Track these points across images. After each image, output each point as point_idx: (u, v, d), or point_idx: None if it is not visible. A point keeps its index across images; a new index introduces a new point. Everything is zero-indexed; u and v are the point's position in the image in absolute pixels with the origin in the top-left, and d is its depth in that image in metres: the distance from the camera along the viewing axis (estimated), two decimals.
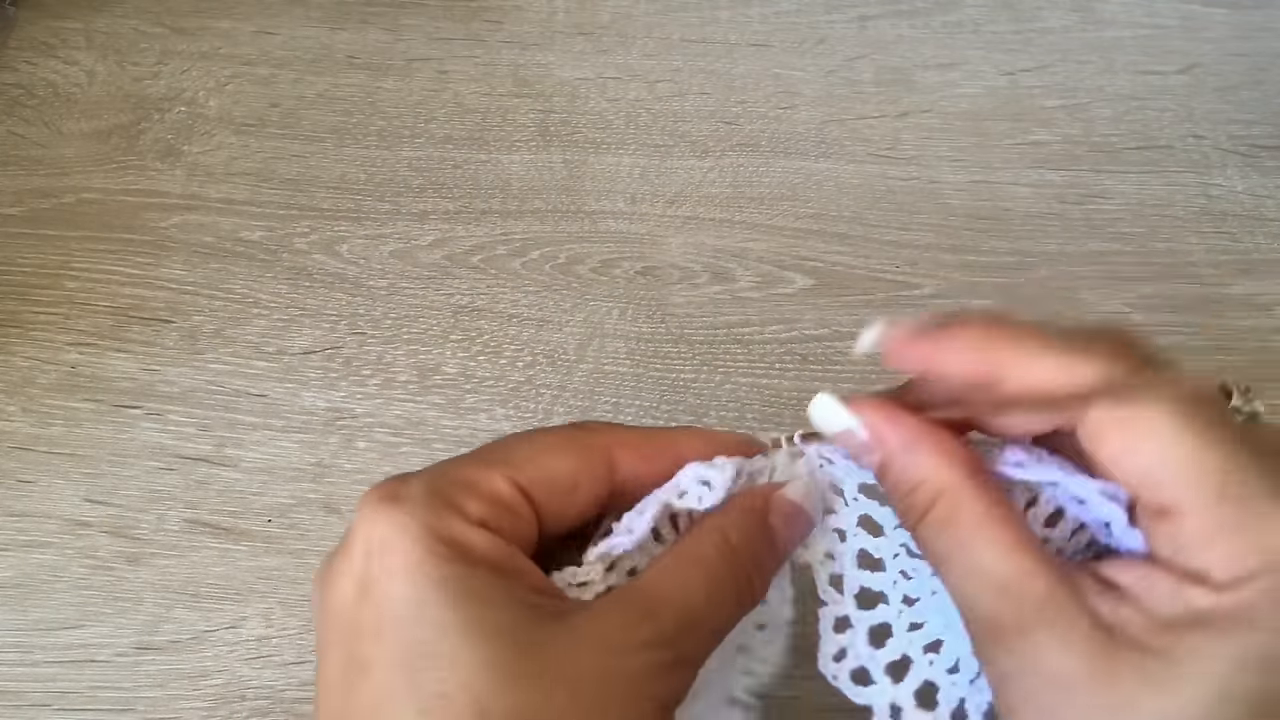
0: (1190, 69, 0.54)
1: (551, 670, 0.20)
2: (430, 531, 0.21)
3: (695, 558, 0.23)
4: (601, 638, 0.21)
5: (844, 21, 0.56)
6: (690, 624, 0.22)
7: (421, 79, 0.53)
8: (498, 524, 0.22)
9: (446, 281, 0.46)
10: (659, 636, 0.22)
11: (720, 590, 0.23)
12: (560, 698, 0.20)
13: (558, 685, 0.20)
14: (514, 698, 0.20)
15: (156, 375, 0.44)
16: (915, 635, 0.25)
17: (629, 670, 0.21)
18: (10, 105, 0.52)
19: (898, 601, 0.25)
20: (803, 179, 0.50)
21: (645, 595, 0.22)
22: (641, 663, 0.21)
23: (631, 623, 0.22)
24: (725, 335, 0.45)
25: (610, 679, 0.21)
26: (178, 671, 0.37)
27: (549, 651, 0.20)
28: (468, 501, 0.22)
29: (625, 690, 0.21)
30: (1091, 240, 0.48)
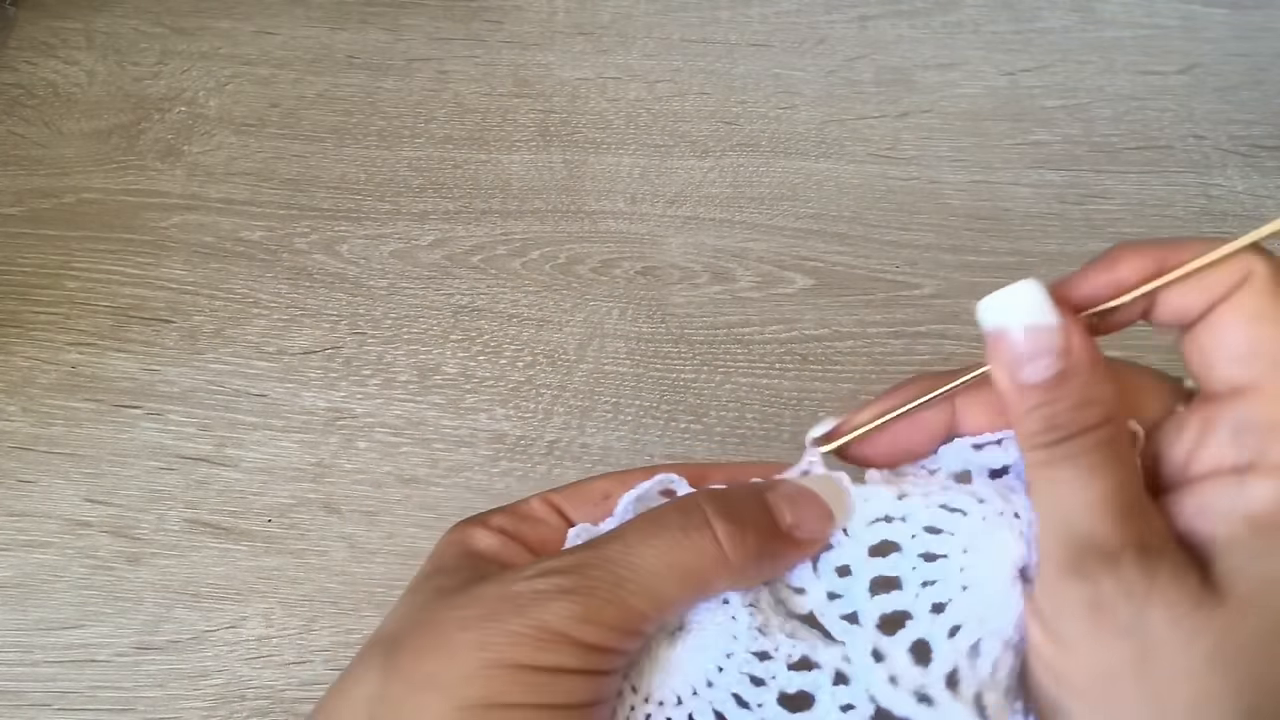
0: (1190, 69, 0.54)
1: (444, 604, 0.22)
2: (449, 539, 0.25)
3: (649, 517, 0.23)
4: (502, 575, 0.22)
5: (844, 21, 0.56)
6: (602, 559, 0.22)
7: (421, 79, 0.53)
8: (516, 530, 0.25)
9: (446, 281, 0.46)
10: (556, 566, 0.22)
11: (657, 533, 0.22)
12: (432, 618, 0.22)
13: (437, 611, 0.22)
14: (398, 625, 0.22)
15: (156, 375, 0.44)
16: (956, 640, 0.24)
17: (510, 592, 0.21)
18: (10, 105, 0.52)
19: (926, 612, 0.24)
20: (803, 179, 0.50)
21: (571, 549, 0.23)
22: (526, 586, 0.21)
23: (537, 563, 0.22)
24: (725, 335, 0.45)
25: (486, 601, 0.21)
26: (178, 671, 0.37)
27: (456, 595, 0.22)
28: (494, 516, 0.25)
29: (501, 608, 0.21)
30: (1091, 240, 0.48)
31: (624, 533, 0.23)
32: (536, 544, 0.25)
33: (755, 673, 0.24)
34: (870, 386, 0.42)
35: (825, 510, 0.24)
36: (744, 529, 0.23)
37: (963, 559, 0.24)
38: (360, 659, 0.22)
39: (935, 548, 0.25)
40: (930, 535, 0.25)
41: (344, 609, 0.39)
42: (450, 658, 0.21)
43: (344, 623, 0.38)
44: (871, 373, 0.43)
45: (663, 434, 0.42)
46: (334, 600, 0.39)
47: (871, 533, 0.25)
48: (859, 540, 0.25)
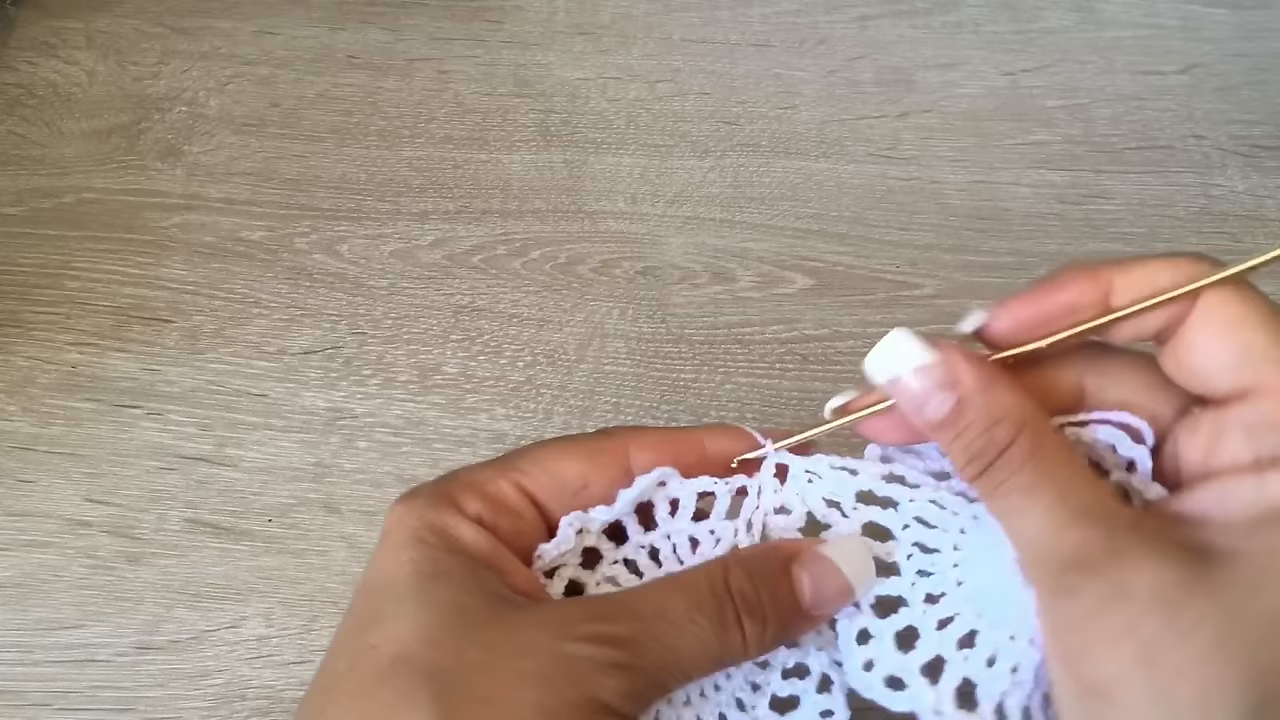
0: (1190, 69, 0.54)
1: (483, 640, 0.21)
2: (424, 521, 0.23)
3: (685, 580, 0.23)
4: (544, 620, 0.22)
5: (844, 21, 0.56)
6: (648, 634, 0.22)
7: (422, 79, 0.53)
8: (494, 522, 0.24)
9: (447, 281, 0.46)
10: (606, 634, 0.22)
11: (696, 617, 0.23)
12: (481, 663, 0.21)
13: (483, 651, 0.21)
14: (436, 654, 0.21)
15: (157, 375, 0.44)
16: (946, 633, 0.24)
17: (558, 652, 0.21)
18: (10, 105, 0.52)
19: (919, 602, 0.25)
20: (803, 179, 0.50)
21: (612, 600, 0.23)
22: (578, 651, 0.21)
23: (581, 614, 0.22)
24: (725, 335, 0.45)
25: (536, 655, 0.21)
26: (178, 671, 0.37)
27: (489, 626, 0.21)
28: (468, 500, 0.24)
29: (552, 670, 0.21)
30: (1091, 240, 0.48)
31: (669, 610, 0.23)
32: (513, 538, 0.24)
33: (755, 679, 0.25)
34: None
35: (845, 586, 0.24)
36: (766, 624, 0.23)
37: (955, 555, 0.25)
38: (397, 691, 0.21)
39: (928, 541, 0.25)
40: (923, 527, 0.25)
41: (344, 609, 0.38)
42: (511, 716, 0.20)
43: None
44: None
45: None
46: (334, 600, 0.39)
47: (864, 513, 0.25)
48: (852, 518, 0.26)
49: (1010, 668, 0.23)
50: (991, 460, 0.22)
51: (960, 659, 0.24)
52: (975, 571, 0.24)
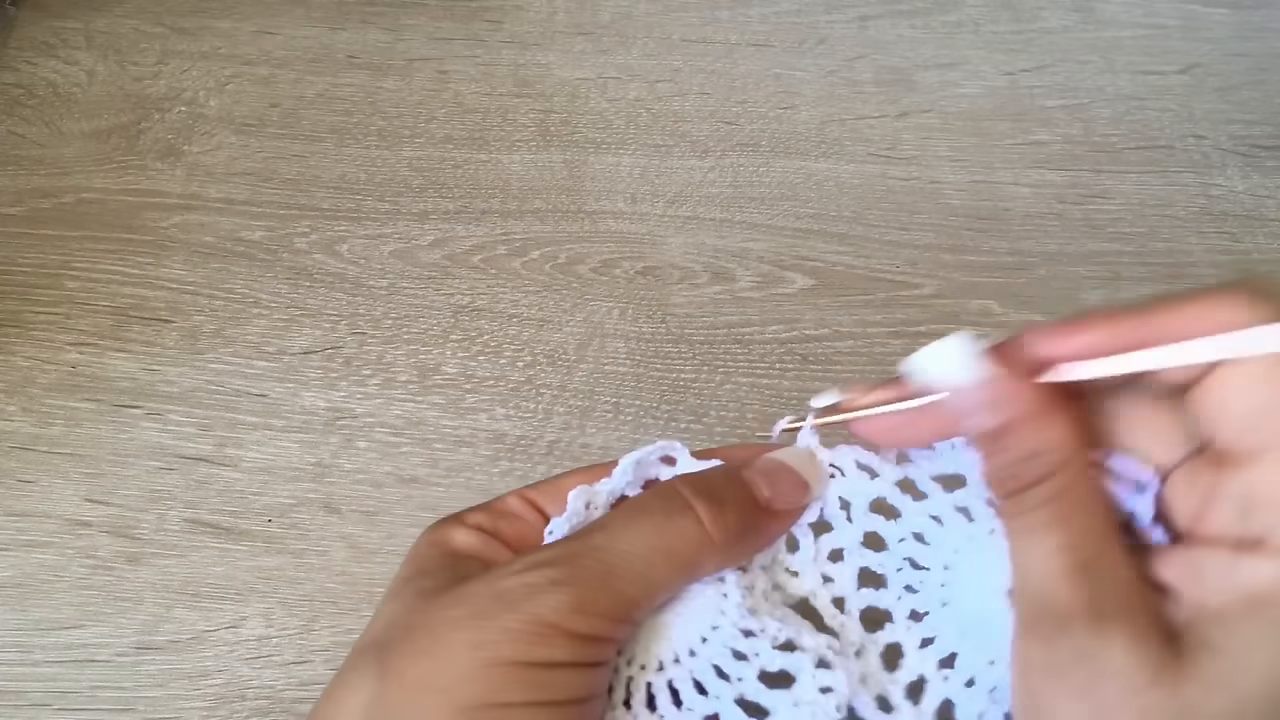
0: (1190, 69, 0.54)
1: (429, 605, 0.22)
2: (426, 539, 0.25)
3: (631, 505, 0.23)
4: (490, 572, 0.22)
5: (844, 21, 0.56)
6: (589, 548, 0.22)
7: (422, 79, 0.53)
8: (493, 527, 0.25)
9: (446, 281, 0.46)
10: (544, 559, 0.22)
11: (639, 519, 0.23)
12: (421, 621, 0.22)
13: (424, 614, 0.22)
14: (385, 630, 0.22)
15: (156, 375, 0.44)
16: (927, 652, 0.24)
17: (499, 589, 0.21)
18: (10, 105, 0.52)
19: (904, 618, 0.25)
20: (803, 179, 0.50)
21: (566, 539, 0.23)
22: (515, 581, 0.21)
23: (524, 557, 0.22)
24: (725, 335, 0.45)
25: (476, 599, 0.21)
26: (178, 671, 0.37)
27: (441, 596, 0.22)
28: (473, 514, 0.25)
29: (491, 606, 0.21)
30: (1091, 240, 0.48)
31: (607, 522, 0.23)
32: (515, 541, 0.25)
33: (739, 647, 0.24)
34: None
35: (800, 480, 0.25)
36: (724, 507, 0.23)
37: (943, 575, 0.24)
38: (351, 665, 0.22)
39: (920, 557, 0.25)
40: (917, 543, 0.25)
41: (344, 609, 0.39)
42: (446, 659, 0.21)
43: (344, 623, 0.38)
44: (871, 373, 0.43)
45: (663, 434, 0.42)
46: (334, 600, 0.39)
47: (868, 520, 0.25)
48: (856, 524, 0.25)
49: (989, 689, 0.23)
50: (1017, 490, 0.22)
51: (940, 679, 0.24)
52: (961, 593, 0.24)
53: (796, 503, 0.25)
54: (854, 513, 0.25)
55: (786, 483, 0.24)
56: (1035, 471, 0.22)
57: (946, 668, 0.24)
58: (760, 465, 0.25)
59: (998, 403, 0.22)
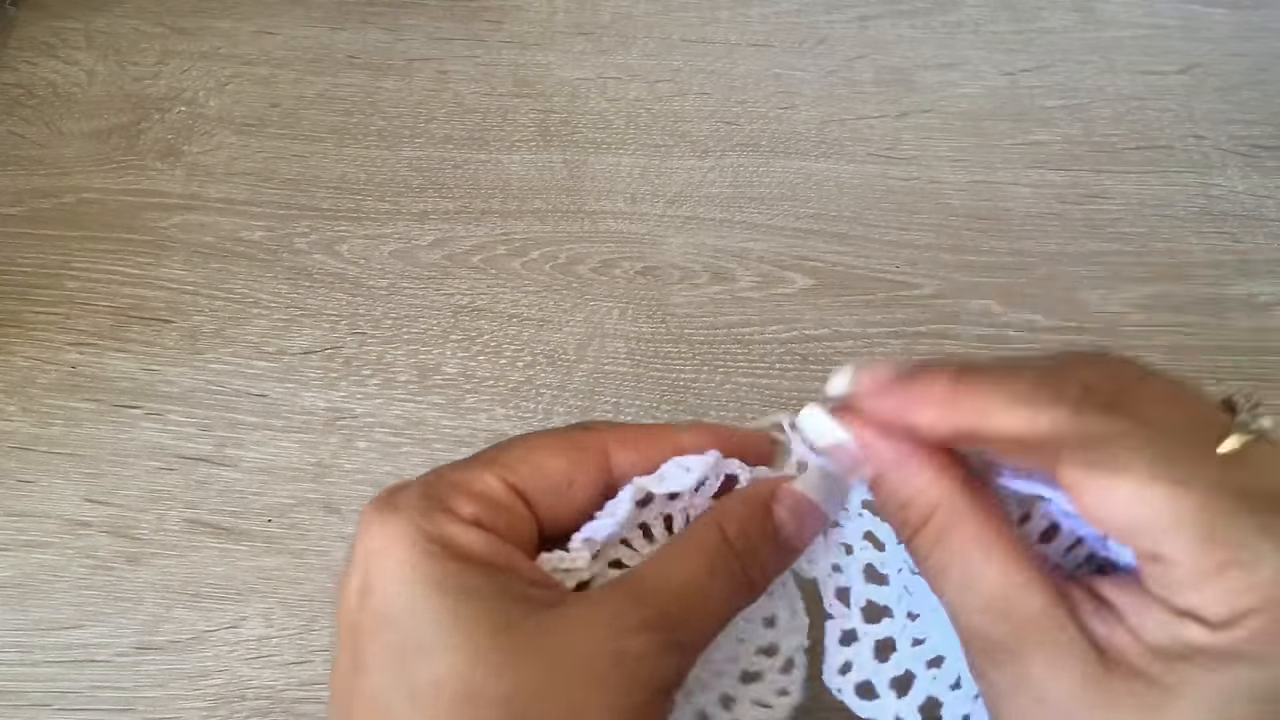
0: (1190, 69, 0.54)
1: (542, 654, 0.20)
2: (423, 533, 0.22)
3: (692, 545, 0.24)
4: (594, 621, 0.21)
5: (844, 21, 0.56)
6: (685, 608, 0.22)
7: (421, 79, 0.53)
8: (492, 522, 0.23)
9: (446, 281, 0.46)
10: (654, 619, 0.22)
11: (716, 576, 0.23)
12: (548, 680, 0.20)
13: (545, 669, 0.20)
14: (503, 680, 0.20)
15: (156, 375, 0.44)
16: (918, 650, 0.25)
17: (619, 652, 0.21)
18: (10, 105, 0.52)
19: (902, 616, 0.25)
20: (803, 179, 0.50)
21: (640, 580, 0.23)
22: (635, 644, 0.21)
23: (626, 606, 0.22)
24: (725, 335, 0.45)
25: (599, 661, 0.21)
26: (178, 671, 0.37)
27: (539, 637, 0.21)
28: (460, 502, 0.23)
29: (615, 672, 0.21)
30: (1091, 240, 0.48)
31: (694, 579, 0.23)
32: (509, 535, 0.23)
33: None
34: None
35: (823, 517, 0.25)
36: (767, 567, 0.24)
37: None
38: None
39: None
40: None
41: None
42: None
43: None
44: None
45: None
46: (334, 600, 0.39)
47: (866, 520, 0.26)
48: (855, 523, 0.26)
49: (974, 694, 0.24)
50: (907, 539, 0.23)
51: (929, 678, 0.25)
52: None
53: (814, 537, 0.26)
54: (850, 513, 0.26)
55: (812, 522, 0.25)
56: (914, 517, 0.22)
57: (935, 668, 0.25)
58: (788, 501, 0.25)
59: (859, 460, 0.23)
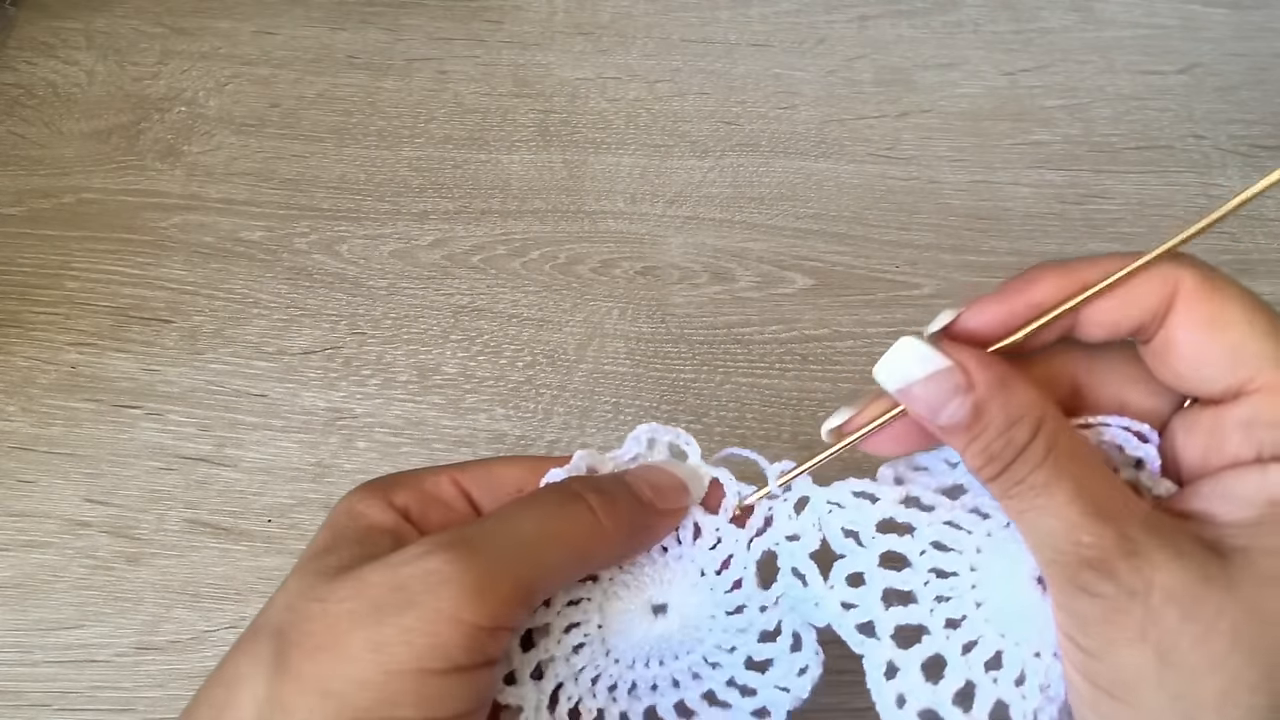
0: (1190, 69, 0.54)
1: (330, 592, 0.22)
2: (345, 509, 0.24)
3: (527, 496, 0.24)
4: (389, 559, 0.22)
5: (844, 21, 0.56)
6: (485, 535, 0.22)
7: (421, 79, 0.53)
8: (421, 513, 0.25)
9: (446, 281, 0.46)
10: (440, 544, 0.22)
11: (533, 505, 0.24)
12: (320, 610, 0.21)
13: (323, 602, 0.21)
14: (285, 614, 0.22)
15: (156, 375, 0.44)
16: (971, 656, 0.24)
17: (397, 579, 0.21)
18: (10, 105, 0.52)
19: (940, 628, 0.24)
20: (803, 179, 0.50)
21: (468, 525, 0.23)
22: (411, 571, 0.21)
23: (428, 544, 0.22)
24: (725, 335, 0.45)
25: (375, 590, 0.21)
26: (178, 671, 0.37)
27: (344, 579, 0.22)
28: (399, 492, 0.25)
29: (390, 599, 0.21)
30: (1091, 240, 0.48)
31: (503, 510, 0.24)
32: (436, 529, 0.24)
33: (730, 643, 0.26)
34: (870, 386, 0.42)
35: (678, 482, 0.26)
36: (614, 499, 0.24)
37: (972, 576, 0.24)
38: (244, 651, 0.22)
39: (945, 565, 0.25)
40: (939, 552, 0.25)
41: None
42: (345, 660, 0.20)
43: None
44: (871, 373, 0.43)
45: None
46: None
47: (881, 542, 0.25)
48: (870, 548, 0.25)
49: (1040, 684, 0.23)
50: (1010, 461, 0.22)
51: (989, 682, 0.23)
52: (994, 591, 0.24)
53: (678, 503, 0.26)
54: (864, 539, 0.25)
55: (666, 485, 0.26)
56: (1020, 437, 0.22)
57: (994, 669, 0.24)
58: (639, 471, 0.26)
59: (962, 386, 0.22)
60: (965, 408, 0.22)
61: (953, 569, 0.24)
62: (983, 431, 0.22)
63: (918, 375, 0.23)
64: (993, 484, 0.22)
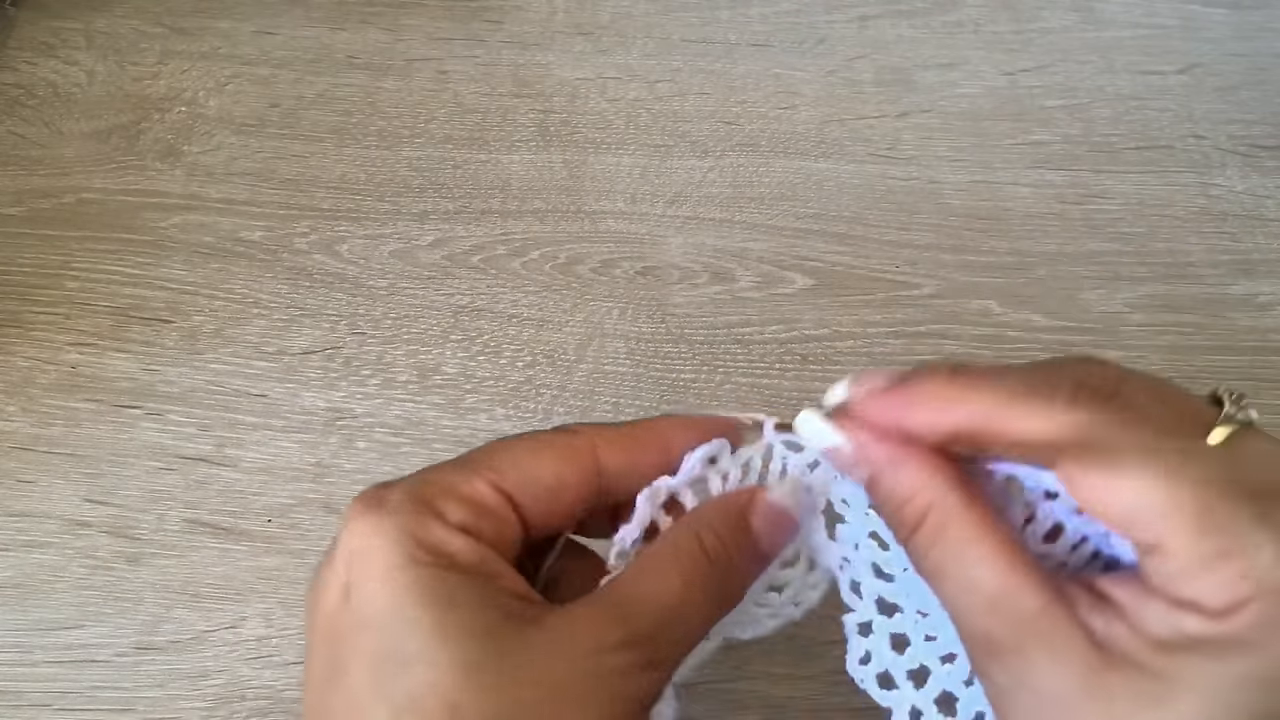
0: (1190, 69, 0.54)
1: (524, 672, 0.20)
2: (409, 536, 0.21)
3: (670, 559, 0.24)
4: (575, 639, 0.21)
5: (844, 21, 0.56)
6: (663, 624, 0.22)
7: (421, 79, 0.53)
8: (478, 528, 0.23)
9: (446, 281, 0.46)
10: (632, 637, 0.22)
11: (693, 592, 0.23)
12: (532, 699, 0.20)
13: (529, 687, 0.20)
14: (486, 699, 0.20)
15: (156, 375, 0.44)
16: (930, 646, 0.25)
17: (601, 671, 0.21)
18: (10, 105, 0.52)
19: (912, 612, 0.25)
20: (803, 179, 0.50)
21: (619, 596, 0.23)
22: (614, 663, 0.21)
23: (606, 624, 0.22)
24: (725, 335, 0.45)
25: (582, 680, 0.21)
26: (178, 671, 0.37)
27: (522, 653, 0.21)
28: (448, 506, 0.23)
29: (598, 691, 0.21)
30: (1091, 240, 0.48)
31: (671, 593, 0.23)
32: (496, 541, 0.23)
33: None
34: None
35: (794, 525, 0.26)
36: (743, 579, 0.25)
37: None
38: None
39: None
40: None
41: None
42: None
43: None
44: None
45: None
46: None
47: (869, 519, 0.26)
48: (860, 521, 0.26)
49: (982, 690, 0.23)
50: (905, 539, 0.23)
51: (944, 673, 0.25)
52: None
53: (786, 546, 0.26)
54: (856, 512, 0.26)
55: (786, 532, 0.26)
56: (910, 517, 0.22)
57: (948, 664, 0.25)
58: (764, 511, 0.25)
59: (856, 461, 0.23)
60: (861, 479, 0.24)
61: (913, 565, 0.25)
62: (881, 504, 0.23)
63: (820, 444, 0.24)
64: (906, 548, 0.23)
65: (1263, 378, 0.44)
